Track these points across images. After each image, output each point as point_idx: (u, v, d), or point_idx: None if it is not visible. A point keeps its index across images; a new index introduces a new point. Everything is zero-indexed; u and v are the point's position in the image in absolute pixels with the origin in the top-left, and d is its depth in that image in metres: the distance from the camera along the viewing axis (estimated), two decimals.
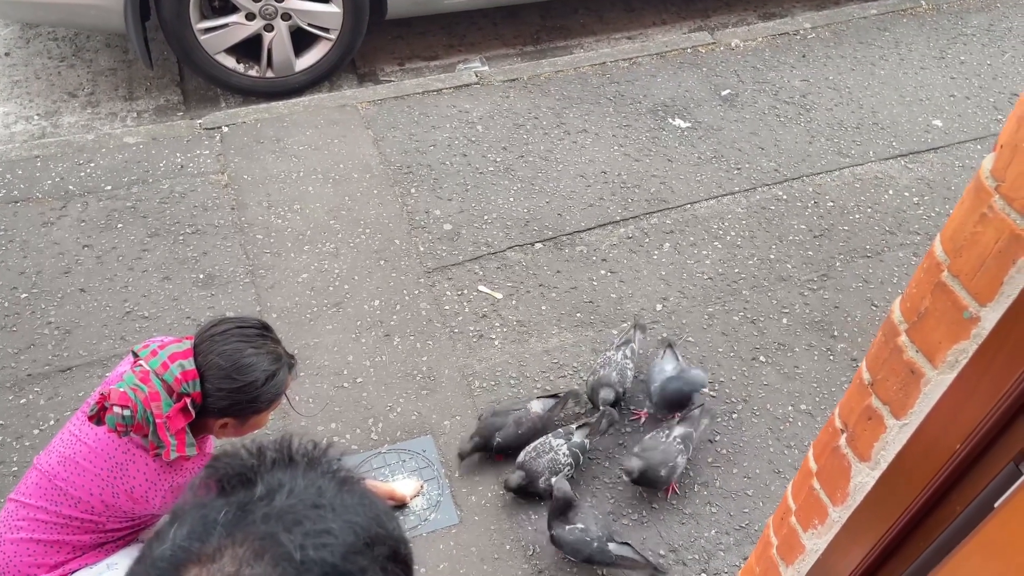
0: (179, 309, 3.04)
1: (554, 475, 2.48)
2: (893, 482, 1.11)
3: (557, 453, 2.52)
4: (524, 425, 2.62)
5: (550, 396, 2.76)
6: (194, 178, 3.56)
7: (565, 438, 2.58)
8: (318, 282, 3.19)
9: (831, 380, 2.99)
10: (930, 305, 1.01)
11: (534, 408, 2.68)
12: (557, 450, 2.53)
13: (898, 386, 1.08)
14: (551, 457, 2.51)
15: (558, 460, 2.51)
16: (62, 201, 3.40)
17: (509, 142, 3.87)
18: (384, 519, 0.73)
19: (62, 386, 2.78)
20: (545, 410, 2.69)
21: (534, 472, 2.49)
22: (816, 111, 4.18)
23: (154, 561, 0.66)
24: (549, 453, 2.52)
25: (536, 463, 2.50)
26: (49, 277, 3.11)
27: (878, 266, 3.41)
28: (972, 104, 4.29)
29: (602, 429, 2.67)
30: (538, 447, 2.55)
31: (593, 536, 2.32)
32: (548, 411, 2.70)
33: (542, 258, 3.37)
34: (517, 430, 2.60)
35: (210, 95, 4.28)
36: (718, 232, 3.52)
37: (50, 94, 4.20)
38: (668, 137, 3.97)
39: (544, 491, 2.50)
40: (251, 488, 0.70)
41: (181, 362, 1.74)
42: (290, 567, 0.64)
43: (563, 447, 2.54)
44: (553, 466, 2.50)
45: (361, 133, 3.85)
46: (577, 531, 2.32)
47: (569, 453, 2.53)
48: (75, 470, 1.80)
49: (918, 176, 3.85)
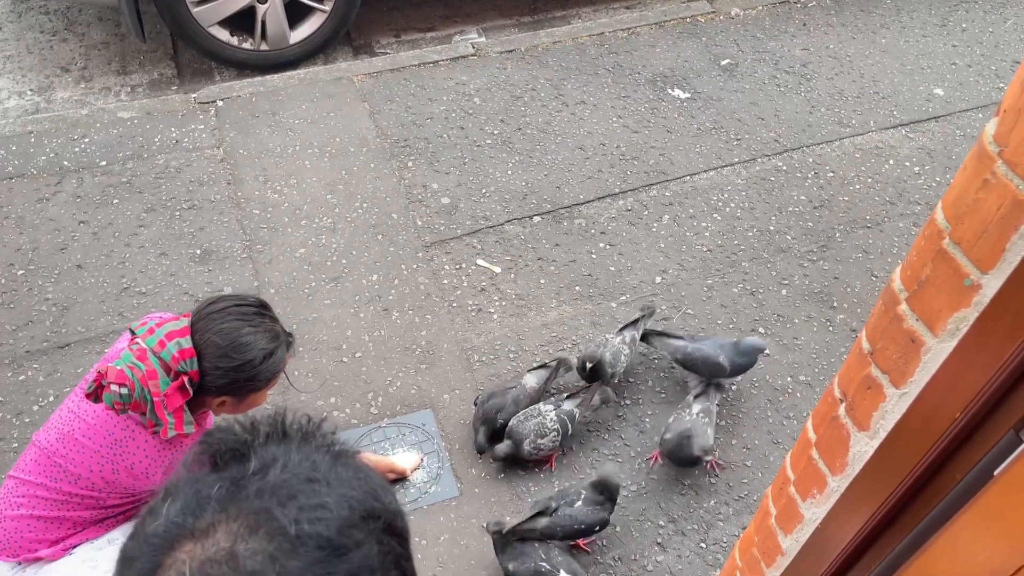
0: (176, 285, 3.03)
1: (540, 438, 2.49)
2: (892, 451, 1.11)
3: (544, 418, 2.53)
4: (523, 402, 2.62)
5: (542, 367, 2.76)
6: (189, 153, 3.53)
7: (555, 405, 2.59)
8: (316, 257, 3.18)
9: (830, 351, 2.99)
10: (931, 273, 1.00)
11: (529, 382, 2.68)
12: (545, 415, 2.54)
13: (898, 355, 1.07)
14: (538, 421, 2.52)
15: (544, 424, 2.51)
16: (57, 177, 3.37)
17: (507, 114, 3.84)
18: (379, 492, 0.72)
19: (61, 362, 2.77)
20: (540, 382, 2.69)
21: (520, 435, 2.50)
22: (816, 80, 4.14)
23: (147, 537, 0.65)
24: (537, 418, 2.53)
25: (523, 426, 2.52)
26: (45, 253, 3.10)
27: (878, 237, 3.40)
28: (974, 72, 4.25)
29: (594, 405, 2.67)
30: (528, 412, 2.56)
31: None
32: (543, 383, 2.70)
33: (541, 231, 3.35)
34: (517, 408, 2.61)
35: (204, 69, 4.24)
36: (717, 204, 3.51)
37: (43, 69, 4.16)
38: (667, 108, 3.94)
39: (528, 454, 2.51)
40: (245, 463, 0.69)
41: (178, 340, 1.74)
42: (285, 541, 0.63)
43: (551, 412, 2.55)
44: (540, 430, 2.51)
45: (357, 106, 3.82)
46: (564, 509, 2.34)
47: (556, 419, 2.54)
48: (74, 447, 1.80)
49: (919, 145, 3.82)
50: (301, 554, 0.63)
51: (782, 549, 1.49)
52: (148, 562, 0.64)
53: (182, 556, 0.63)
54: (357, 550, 0.66)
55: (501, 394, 2.64)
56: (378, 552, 0.68)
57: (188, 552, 0.63)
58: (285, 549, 0.63)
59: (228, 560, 0.62)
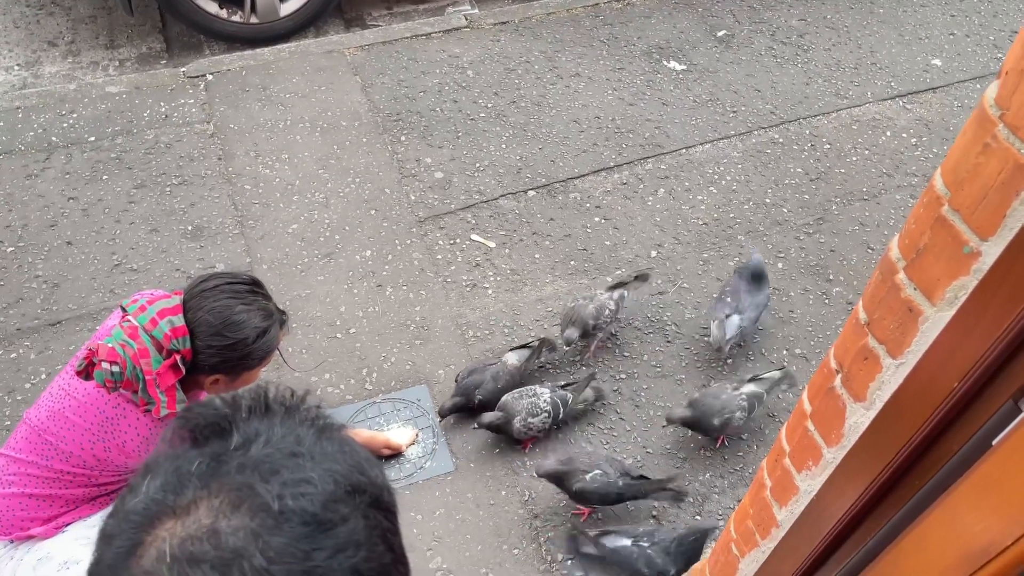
0: (168, 261, 3.01)
1: (531, 416, 2.48)
2: (888, 422, 1.10)
3: (538, 398, 2.52)
4: (502, 379, 2.61)
5: (524, 346, 2.74)
6: (179, 128, 3.48)
7: (551, 388, 2.57)
8: (308, 233, 3.15)
9: (826, 324, 2.98)
10: (929, 241, 0.98)
11: (510, 361, 2.67)
12: (539, 395, 2.52)
13: (895, 325, 1.06)
14: (531, 401, 2.51)
15: (537, 404, 2.50)
16: (45, 153, 3.33)
17: (500, 87, 3.80)
18: (365, 466, 0.71)
19: (52, 340, 2.75)
20: (521, 361, 2.67)
21: (512, 411, 2.49)
22: (814, 51, 4.10)
23: (127, 514, 0.63)
24: (531, 397, 2.52)
25: (516, 403, 2.51)
26: (35, 230, 3.06)
27: (875, 209, 3.38)
28: (972, 42, 4.21)
29: (586, 398, 2.65)
30: (523, 391, 2.55)
31: (613, 476, 2.33)
32: (524, 362, 2.68)
33: (535, 206, 3.32)
34: (496, 385, 2.59)
35: (193, 42, 4.18)
36: (713, 177, 3.48)
37: (29, 43, 4.09)
38: (663, 80, 3.90)
39: (517, 432, 2.50)
40: (226, 438, 0.67)
41: (170, 318, 1.71)
42: (268, 517, 0.62)
43: (546, 394, 2.53)
44: (532, 409, 2.50)
45: (349, 80, 3.77)
46: (599, 477, 2.32)
47: (549, 401, 2.52)
48: (65, 425, 1.79)
49: (916, 117, 3.79)
50: (285, 530, 0.62)
51: (777, 521, 1.48)
52: (128, 540, 0.62)
53: (162, 534, 0.61)
54: (343, 525, 0.64)
55: (481, 371, 2.62)
56: (364, 527, 0.66)
57: (169, 529, 0.61)
58: (268, 525, 0.61)
59: (210, 537, 0.60)
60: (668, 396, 2.74)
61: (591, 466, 2.34)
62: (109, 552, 0.63)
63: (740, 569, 1.70)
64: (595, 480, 2.32)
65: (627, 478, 2.36)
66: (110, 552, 0.63)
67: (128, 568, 0.61)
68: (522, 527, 2.43)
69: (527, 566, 2.34)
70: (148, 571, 0.60)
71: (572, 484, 2.33)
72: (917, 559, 1.04)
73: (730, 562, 1.75)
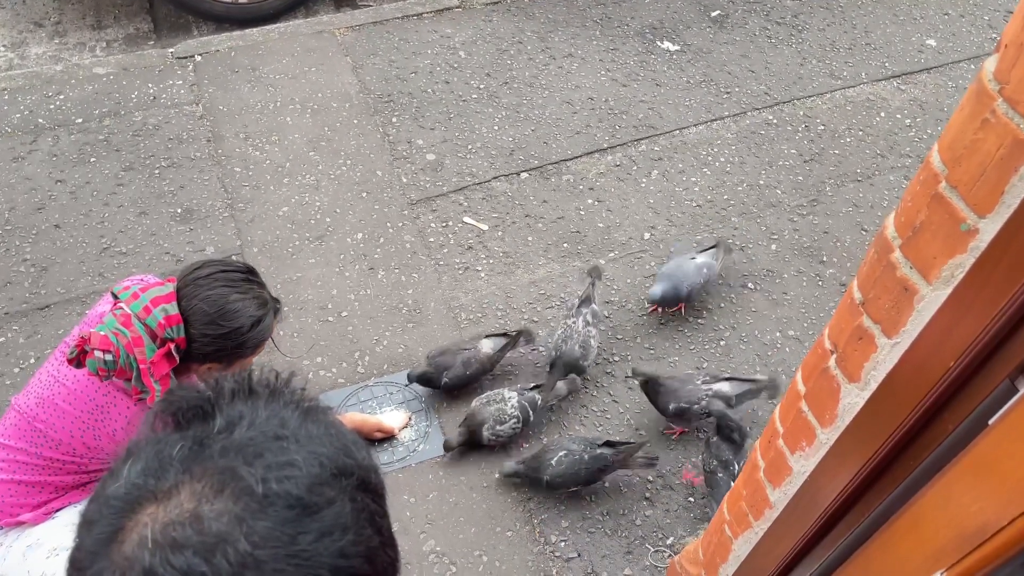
0: (157, 244, 2.98)
1: (499, 424, 2.44)
2: (883, 402, 1.09)
3: (506, 404, 2.47)
4: (472, 366, 2.58)
5: (501, 335, 2.71)
6: (168, 109, 3.44)
7: (519, 392, 2.52)
8: (299, 215, 3.12)
9: (820, 306, 2.97)
10: (926, 218, 0.96)
11: (484, 348, 2.63)
12: (507, 400, 2.48)
13: (890, 304, 1.05)
14: (499, 407, 2.46)
15: (504, 411, 2.45)
16: (32, 135, 3.29)
17: (493, 68, 3.76)
18: (352, 448, 0.69)
19: (41, 324, 2.73)
20: (495, 350, 2.64)
21: (479, 420, 2.45)
22: (808, 32, 4.07)
23: (107, 500, 0.62)
24: (498, 403, 2.47)
25: (483, 410, 2.46)
26: (23, 213, 3.03)
27: (869, 190, 3.37)
28: (967, 23, 4.18)
29: (559, 393, 2.58)
30: (490, 396, 2.50)
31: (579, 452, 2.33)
32: (498, 351, 2.65)
33: (528, 188, 3.30)
34: (465, 371, 2.57)
35: (181, 23, 4.13)
36: (707, 158, 3.46)
37: (15, 24, 4.04)
38: (656, 61, 3.87)
39: (487, 440, 2.46)
40: (209, 421, 0.66)
41: (164, 306, 1.70)
42: (252, 501, 0.60)
43: (514, 399, 2.48)
44: (499, 416, 2.44)
45: (339, 61, 3.73)
46: (564, 457, 2.32)
47: (517, 405, 2.47)
48: (54, 412, 1.77)
49: (911, 97, 3.77)
50: (269, 514, 0.60)
51: (770, 502, 1.48)
52: (109, 525, 0.61)
53: (144, 519, 0.60)
54: (329, 508, 0.63)
55: (453, 353, 2.59)
56: (351, 510, 0.65)
57: (150, 515, 0.60)
58: (252, 509, 0.60)
59: (192, 522, 0.59)
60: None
61: (555, 449, 2.34)
62: (90, 538, 0.62)
63: (733, 550, 1.70)
64: (561, 462, 2.32)
65: (592, 449, 2.35)
66: (91, 538, 0.62)
67: (109, 554, 0.60)
68: (515, 509, 2.42)
69: (521, 548, 2.34)
70: (129, 557, 0.58)
71: (543, 476, 2.33)
72: (911, 539, 1.03)
73: (723, 543, 1.75)
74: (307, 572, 0.60)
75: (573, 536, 2.38)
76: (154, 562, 0.57)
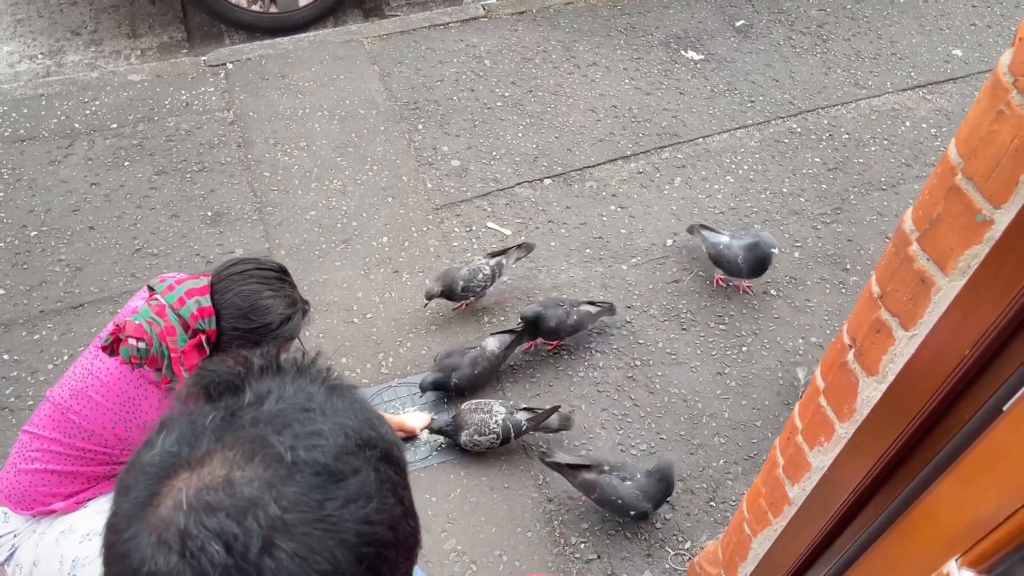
0: (188, 246, 3.04)
1: (479, 435, 2.45)
2: (900, 394, 1.10)
3: (491, 418, 2.46)
4: (480, 364, 2.60)
5: (506, 332, 2.72)
6: (200, 115, 3.52)
7: (508, 410, 2.50)
8: (326, 219, 3.17)
9: (843, 313, 2.96)
10: (943, 211, 0.98)
11: (490, 345, 2.65)
12: (493, 415, 2.47)
13: (908, 296, 1.06)
14: (483, 418, 2.46)
15: (487, 424, 2.45)
16: (68, 139, 3.38)
17: (518, 76, 3.81)
18: (375, 422, 0.72)
19: (74, 322, 2.80)
20: (501, 347, 2.66)
21: (462, 424, 2.47)
22: (833, 41, 4.07)
23: (143, 467, 0.65)
24: (485, 414, 2.47)
25: (470, 416, 2.47)
26: (58, 215, 3.11)
27: (893, 199, 3.36)
28: (993, 33, 4.17)
29: (550, 426, 2.56)
30: (480, 404, 2.51)
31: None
32: (504, 349, 2.66)
33: (551, 194, 3.33)
34: (473, 370, 2.59)
35: (214, 32, 4.22)
36: (730, 166, 3.47)
37: (53, 32, 4.15)
38: (680, 70, 3.89)
39: (464, 444, 2.48)
40: (239, 395, 0.69)
41: (198, 298, 1.74)
42: (281, 468, 0.63)
43: (500, 415, 2.47)
44: (481, 427, 2.45)
45: (367, 69, 3.79)
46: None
47: (500, 424, 2.46)
48: (88, 404, 1.82)
49: (936, 107, 3.76)
50: (298, 480, 0.63)
51: (789, 499, 1.49)
52: (145, 490, 0.64)
53: (179, 484, 0.63)
54: (354, 477, 0.66)
55: (459, 354, 2.61)
56: (375, 479, 0.68)
57: (184, 480, 0.63)
58: (282, 475, 0.63)
59: (225, 487, 0.62)
60: (683, 383, 2.75)
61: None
62: (127, 503, 0.65)
63: (752, 548, 1.71)
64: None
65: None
66: (128, 503, 0.64)
67: (145, 517, 0.62)
68: (536, 510, 2.44)
69: (541, 548, 2.36)
70: (165, 519, 0.61)
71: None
72: (928, 528, 1.04)
73: (743, 542, 1.75)
74: (333, 536, 0.63)
75: (593, 538, 2.39)
76: (188, 524, 0.60)
